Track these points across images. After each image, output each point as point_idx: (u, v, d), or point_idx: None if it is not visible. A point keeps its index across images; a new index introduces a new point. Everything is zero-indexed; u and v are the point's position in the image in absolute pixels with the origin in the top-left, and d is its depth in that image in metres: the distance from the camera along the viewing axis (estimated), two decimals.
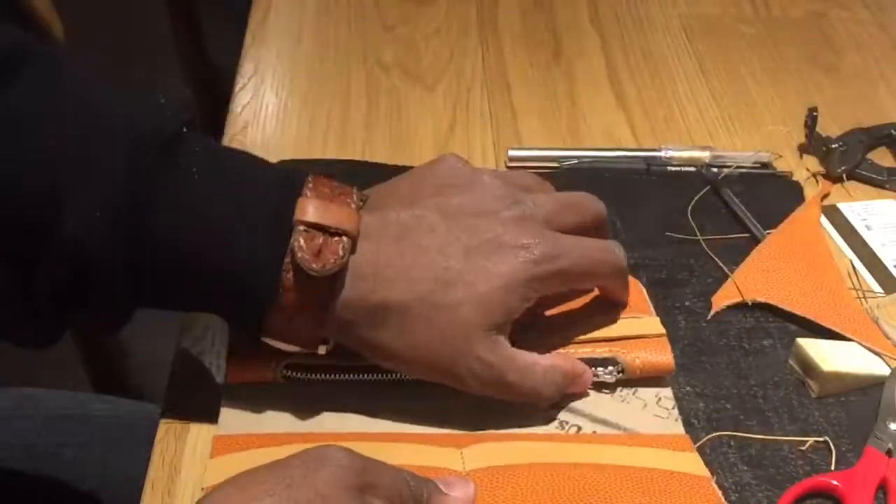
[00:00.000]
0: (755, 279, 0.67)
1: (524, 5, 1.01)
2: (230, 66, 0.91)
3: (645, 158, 0.79)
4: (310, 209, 0.51)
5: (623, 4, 1.02)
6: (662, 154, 0.79)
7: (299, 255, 0.50)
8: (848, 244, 0.73)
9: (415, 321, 0.53)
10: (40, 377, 1.39)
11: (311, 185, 0.52)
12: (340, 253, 0.51)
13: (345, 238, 0.51)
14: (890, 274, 0.70)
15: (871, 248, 0.72)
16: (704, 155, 0.79)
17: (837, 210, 0.75)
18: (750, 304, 0.65)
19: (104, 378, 1.20)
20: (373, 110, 0.84)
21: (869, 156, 0.80)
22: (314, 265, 0.50)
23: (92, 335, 1.15)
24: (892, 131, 0.82)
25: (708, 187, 0.76)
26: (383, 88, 0.87)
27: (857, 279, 0.69)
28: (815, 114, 0.80)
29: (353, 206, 0.53)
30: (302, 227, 0.51)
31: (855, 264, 0.71)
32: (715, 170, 0.77)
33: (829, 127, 0.82)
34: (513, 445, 0.54)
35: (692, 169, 0.78)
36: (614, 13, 1.00)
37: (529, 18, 0.99)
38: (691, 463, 0.54)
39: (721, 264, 0.69)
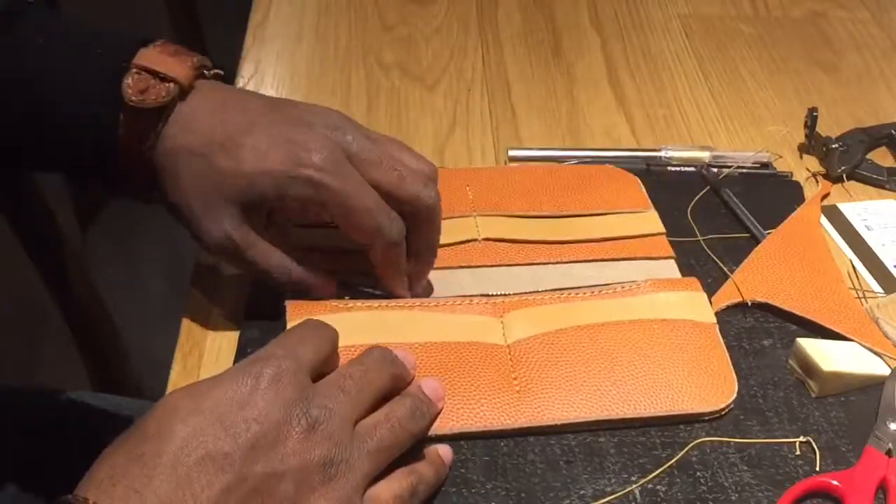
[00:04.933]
0: (755, 279, 0.67)
1: (524, 5, 1.01)
2: (230, 66, 0.91)
3: (645, 158, 0.79)
4: (146, 56, 0.58)
5: (623, 4, 1.02)
6: (662, 154, 0.79)
7: (125, 91, 0.57)
8: (848, 244, 0.73)
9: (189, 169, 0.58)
10: (40, 377, 1.40)
11: (159, 42, 0.60)
12: (164, 94, 0.58)
13: (172, 84, 0.58)
14: (890, 274, 0.70)
15: (871, 248, 0.72)
16: (704, 155, 0.79)
17: (837, 210, 0.75)
18: (750, 304, 0.65)
19: (104, 378, 1.20)
20: (373, 110, 0.84)
21: (869, 156, 0.80)
22: (133, 98, 0.57)
23: (91, 334, 1.15)
24: (892, 131, 0.82)
25: (708, 187, 0.76)
26: (383, 88, 0.87)
27: (857, 279, 0.69)
28: (815, 114, 0.80)
29: (190, 63, 0.59)
30: (134, 70, 0.58)
31: (855, 264, 0.71)
32: (715, 170, 0.77)
33: (829, 127, 0.82)
34: (547, 309, 0.63)
35: (692, 169, 0.78)
36: (614, 13, 1.00)
37: (529, 18, 0.99)
38: (700, 306, 0.64)
39: (721, 264, 0.69)
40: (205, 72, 0.61)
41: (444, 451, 0.54)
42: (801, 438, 0.58)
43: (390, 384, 0.53)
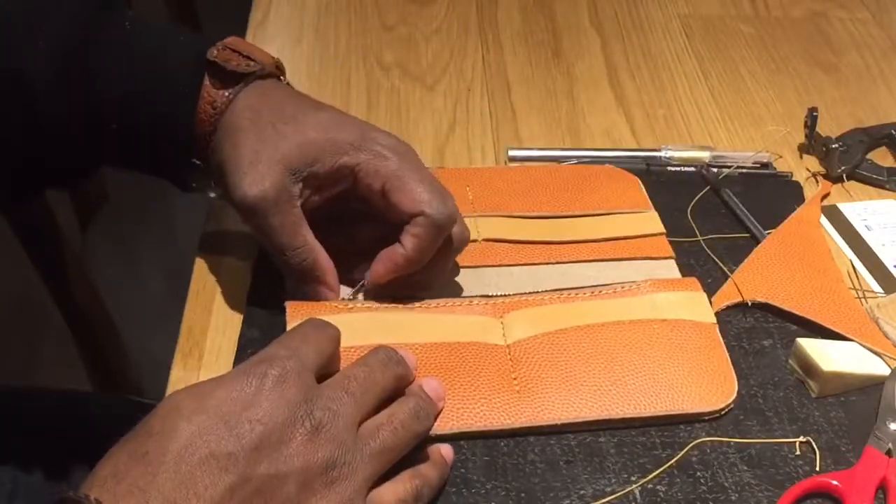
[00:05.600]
0: (755, 279, 0.67)
1: (524, 5, 1.01)
2: None
3: (645, 158, 0.79)
4: (232, 41, 0.62)
5: (623, 4, 1.02)
6: (662, 154, 0.79)
7: (210, 53, 0.60)
8: (848, 244, 0.73)
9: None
10: (40, 377, 1.40)
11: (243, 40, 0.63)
12: (245, 66, 0.61)
13: (254, 62, 0.61)
14: (890, 274, 0.70)
15: (871, 248, 0.72)
16: (704, 155, 0.79)
17: (837, 210, 0.75)
18: (750, 304, 0.65)
19: (104, 378, 1.20)
20: (373, 110, 0.84)
21: (869, 156, 0.80)
22: (219, 58, 0.60)
23: (91, 334, 1.15)
24: (892, 131, 0.82)
25: (708, 187, 0.76)
26: (383, 88, 0.87)
27: (857, 279, 0.69)
28: (815, 114, 0.80)
29: (271, 56, 0.63)
30: (220, 46, 0.61)
31: (855, 264, 0.71)
32: (715, 170, 0.77)
33: (829, 127, 0.82)
34: (546, 310, 0.62)
35: (692, 169, 0.78)
36: (614, 13, 1.00)
37: (529, 18, 0.99)
38: (700, 306, 0.64)
39: (721, 264, 0.69)
40: (280, 76, 0.65)
41: (447, 450, 0.54)
42: (801, 438, 0.58)
43: (394, 385, 0.53)
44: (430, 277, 0.62)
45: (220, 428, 0.44)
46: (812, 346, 0.61)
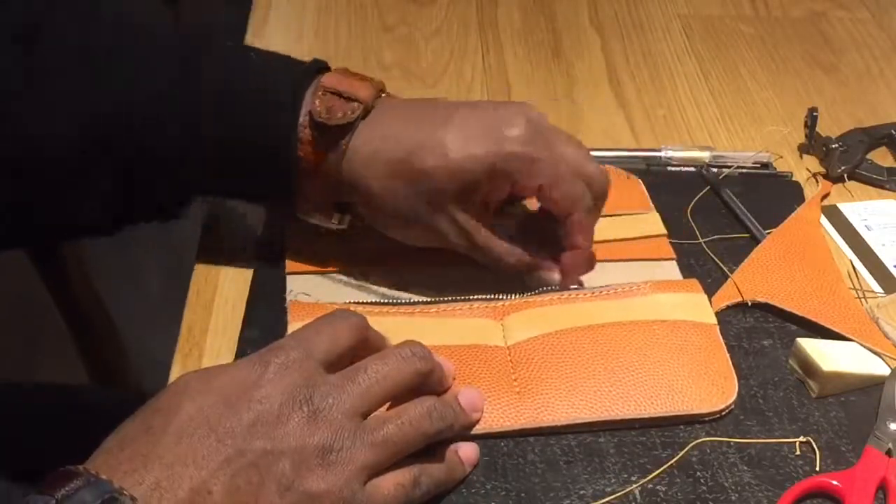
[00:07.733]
0: (755, 279, 0.67)
1: (524, 5, 1.01)
2: None
3: (645, 158, 0.79)
4: (328, 79, 0.61)
5: (623, 4, 1.02)
6: (662, 154, 0.79)
7: (313, 108, 0.60)
8: (848, 244, 0.73)
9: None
10: (40, 377, 1.39)
11: (338, 69, 0.63)
12: (350, 112, 0.60)
13: (357, 104, 0.61)
14: (890, 274, 0.70)
15: (871, 248, 0.72)
16: (704, 155, 0.79)
17: (837, 210, 0.75)
18: (750, 304, 0.65)
19: (104, 378, 1.20)
20: None
21: (869, 156, 0.80)
22: (322, 115, 0.60)
23: (91, 334, 1.15)
24: (892, 131, 0.82)
25: (708, 187, 0.76)
26: None
27: (857, 279, 0.69)
28: (815, 114, 0.80)
29: (371, 85, 0.62)
30: (320, 91, 0.61)
31: (855, 264, 0.71)
32: (715, 170, 0.77)
33: (829, 127, 0.82)
34: (546, 311, 0.62)
35: (692, 169, 0.78)
36: (614, 13, 1.00)
37: (529, 18, 0.99)
38: (701, 307, 0.63)
39: (721, 264, 0.69)
40: (381, 94, 0.64)
41: (465, 451, 0.54)
42: (801, 438, 0.58)
43: (413, 380, 0.52)
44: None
45: (221, 407, 0.47)
46: (812, 346, 0.61)
